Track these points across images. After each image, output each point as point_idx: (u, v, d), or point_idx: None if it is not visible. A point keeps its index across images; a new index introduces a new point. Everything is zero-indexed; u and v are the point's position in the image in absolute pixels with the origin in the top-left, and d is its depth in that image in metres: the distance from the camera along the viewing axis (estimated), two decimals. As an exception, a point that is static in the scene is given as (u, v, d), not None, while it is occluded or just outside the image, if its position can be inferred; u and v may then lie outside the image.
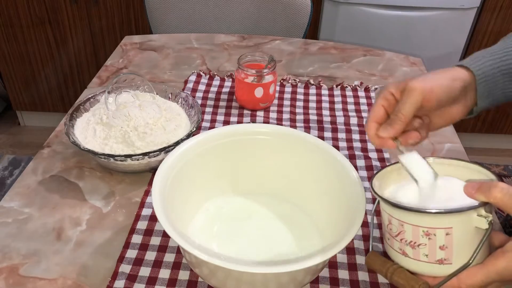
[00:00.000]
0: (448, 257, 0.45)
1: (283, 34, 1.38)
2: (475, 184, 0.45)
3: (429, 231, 0.45)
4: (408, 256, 0.47)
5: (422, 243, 0.46)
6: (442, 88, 0.52)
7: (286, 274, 0.50)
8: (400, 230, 0.47)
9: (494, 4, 1.71)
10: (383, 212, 0.50)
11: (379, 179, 0.52)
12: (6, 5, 1.82)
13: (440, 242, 0.45)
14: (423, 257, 0.46)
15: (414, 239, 0.46)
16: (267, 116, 0.91)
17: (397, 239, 0.48)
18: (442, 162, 0.53)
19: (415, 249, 0.46)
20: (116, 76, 0.81)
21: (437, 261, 0.46)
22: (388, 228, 0.49)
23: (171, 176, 0.59)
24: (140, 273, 0.60)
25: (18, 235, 0.66)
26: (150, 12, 1.40)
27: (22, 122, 2.27)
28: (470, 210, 0.44)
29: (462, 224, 0.44)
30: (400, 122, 0.51)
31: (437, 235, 0.45)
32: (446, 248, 0.45)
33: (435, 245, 0.45)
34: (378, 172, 0.53)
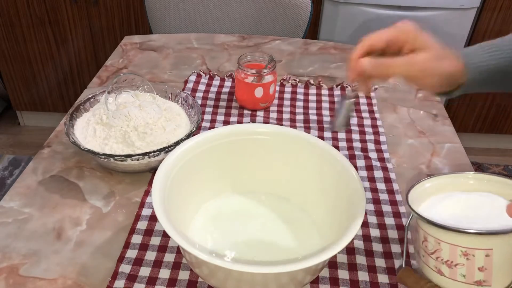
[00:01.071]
0: (487, 279, 0.44)
1: (283, 34, 1.38)
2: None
3: (468, 251, 0.43)
4: (444, 275, 0.46)
5: (459, 263, 0.44)
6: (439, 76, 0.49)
7: (286, 274, 0.50)
8: (437, 248, 0.45)
9: (494, 4, 1.71)
10: (419, 229, 0.48)
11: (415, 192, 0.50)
12: (6, 5, 1.82)
13: (479, 263, 0.43)
14: (460, 277, 0.44)
15: (451, 259, 0.44)
16: (267, 116, 0.91)
17: (433, 257, 0.46)
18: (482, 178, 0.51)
19: (452, 268, 0.45)
20: (116, 76, 0.81)
21: (475, 282, 0.44)
22: (424, 245, 0.47)
23: (171, 176, 0.59)
24: (140, 273, 0.60)
25: (18, 235, 0.66)
26: (150, 12, 1.40)
27: (22, 122, 2.27)
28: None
29: (503, 245, 0.43)
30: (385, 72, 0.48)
31: (476, 256, 0.43)
32: (485, 269, 0.43)
33: (473, 266, 0.43)
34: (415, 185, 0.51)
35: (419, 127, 0.90)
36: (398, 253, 0.63)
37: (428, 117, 0.93)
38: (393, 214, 0.70)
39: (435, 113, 0.94)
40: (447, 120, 0.93)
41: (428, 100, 0.99)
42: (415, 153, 0.83)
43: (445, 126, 0.91)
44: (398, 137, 0.87)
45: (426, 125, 0.91)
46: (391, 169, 0.78)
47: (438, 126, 0.91)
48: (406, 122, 0.91)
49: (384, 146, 0.84)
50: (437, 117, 0.93)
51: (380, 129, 0.88)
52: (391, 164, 0.80)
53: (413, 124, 0.91)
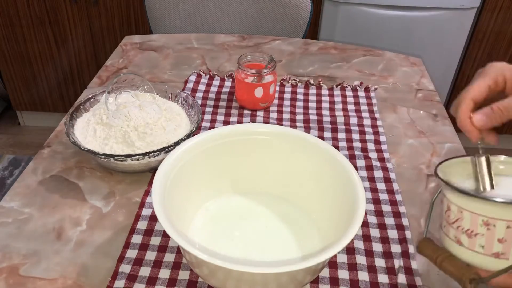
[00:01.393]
0: (505, 252, 0.42)
1: (283, 34, 1.38)
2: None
3: (489, 221, 0.42)
4: (463, 245, 0.45)
5: (479, 233, 0.43)
6: None
7: (286, 274, 0.50)
8: (458, 217, 0.45)
9: (494, 4, 1.71)
10: (444, 198, 0.47)
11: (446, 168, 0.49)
12: (6, 5, 1.82)
13: (499, 235, 0.42)
14: (479, 248, 0.44)
15: (471, 228, 0.44)
16: (267, 116, 0.91)
17: (454, 226, 0.45)
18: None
19: (471, 238, 0.44)
20: (116, 76, 0.81)
21: (493, 254, 0.43)
22: (446, 215, 0.47)
23: (171, 176, 0.59)
24: (140, 273, 0.60)
25: (18, 235, 0.66)
26: (150, 12, 1.40)
27: (22, 122, 2.28)
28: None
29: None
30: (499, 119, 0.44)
31: (497, 226, 0.42)
32: (505, 241, 0.42)
33: (493, 236, 0.42)
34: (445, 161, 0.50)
35: (419, 127, 0.90)
36: (398, 253, 0.63)
37: (428, 117, 0.93)
38: (393, 214, 0.70)
39: (435, 113, 0.94)
40: (447, 120, 0.93)
41: (428, 100, 0.99)
42: (415, 153, 0.83)
43: (445, 126, 0.91)
44: (398, 137, 0.87)
45: (426, 125, 0.91)
46: (391, 169, 0.78)
47: (438, 126, 0.91)
48: (406, 122, 0.92)
49: (384, 146, 0.84)
50: (437, 117, 0.93)
51: (380, 129, 0.88)
52: (391, 164, 0.80)
53: (413, 124, 0.91)
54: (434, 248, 0.48)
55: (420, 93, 1.01)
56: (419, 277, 0.61)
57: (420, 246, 0.50)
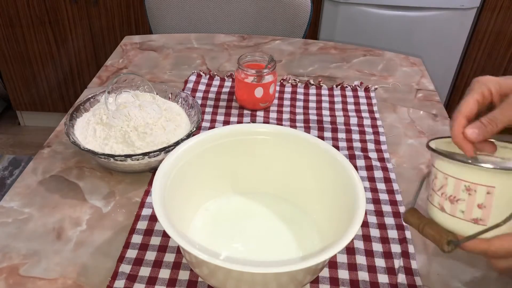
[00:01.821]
0: (484, 218, 0.44)
1: (283, 34, 1.38)
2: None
3: (471, 187, 0.44)
4: (445, 211, 0.46)
5: (461, 199, 0.45)
6: None
7: (286, 274, 0.50)
8: (443, 184, 0.46)
9: (494, 4, 1.71)
10: (432, 167, 0.49)
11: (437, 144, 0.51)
12: (6, 5, 1.82)
13: (479, 200, 0.44)
14: (459, 214, 0.45)
15: (454, 194, 0.45)
16: (267, 116, 0.91)
17: (438, 193, 0.47)
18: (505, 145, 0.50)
19: (453, 204, 0.45)
20: (116, 76, 0.81)
21: (472, 219, 0.45)
22: (433, 184, 0.48)
23: (171, 176, 0.59)
24: (140, 273, 0.60)
25: (18, 235, 0.66)
26: (150, 12, 1.40)
27: (22, 122, 2.28)
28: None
29: (506, 185, 0.43)
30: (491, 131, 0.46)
31: (477, 191, 0.43)
32: (484, 207, 0.44)
33: (474, 202, 0.44)
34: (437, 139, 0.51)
35: (419, 127, 0.90)
36: (398, 253, 0.64)
37: (428, 117, 0.93)
38: (393, 214, 0.70)
39: (435, 113, 0.94)
40: (447, 120, 0.93)
41: (428, 100, 0.99)
42: (415, 153, 0.83)
43: (445, 126, 0.91)
44: (398, 137, 0.87)
45: (426, 125, 0.91)
46: (391, 169, 0.78)
47: (438, 126, 0.91)
48: (406, 122, 0.92)
49: (384, 146, 0.84)
50: (437, 117, 0.93)
51: (380, 129, 0.88)
52: (391, 164, 0.80)
53: (413, 124, 0.91)
54: (419, 216, 0.50)
55: (420, 93, 1.01)
56: (419, 277, 0.61)
57: (406, 215, 0.51)
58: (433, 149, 0.48)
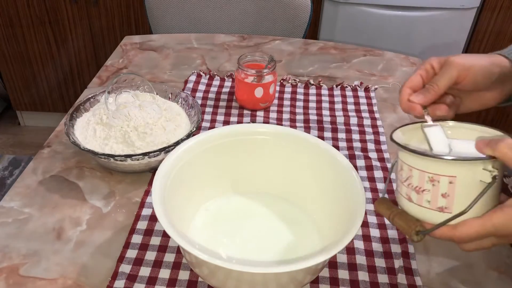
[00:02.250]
0: (448, 206, 0.46)
1: (283, 34, 1.38)
2: (486, 140, 0.45)
3: (434, 178, 0.46)
4: (413, 201, 0.49)
5: (426, 189, 0.47)
6: (480, 69, 0.53)
7: (286, 274, 0.50)
8: (409, 175, 0.48)
9: (494, 4, 1.71)
10: (398, 159, 0.51)
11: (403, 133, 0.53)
12: (6, 5, 1.82)
13: (443, 190, 0.46)
14: (426, 203, 0.47)
15: (419, 185, 0.47)
16: (267, 116, 0.91)
17: (405, 184, 0.49)
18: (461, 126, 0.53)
19: (419, 194, 0.47)
20: (116, 76, 0.81)
21: (438, 208, 0.47)
22: (400, 175, 0.50)
23: (171, 176, 0.59)
24: (140, 273, 0.60)
25: (18, 235, 0.66)
26: (150, 12, 1.40)
27: (22, 122, 2.28)
28: (476, 161, 0.44)
29: (466, 174, 0.45)
30: (433, 92, 0.52)
31: (440, 182, 0.46)
32: (448, 196, 0.46)
33: (438, 192, 0.46)
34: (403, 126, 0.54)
35: (419, 127, 0.90)
36: (398, 253, 0.63)
37: (428, 117, 0.93)
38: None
39: (435, 113, 0.94)
40: (447, 120, 0.92)
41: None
42: (415, 153, 0.83)
43: (445, 126, 0.91)
44: (398, 137, 0.87)
45: (426, 125, 0.91)
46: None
47: (438, 126, 0.91)
48: (406, 122, 0.91)
49: (384, 146, 0.84)
50: (437, 117, 0.93)
51: (380, 129, 0.88)
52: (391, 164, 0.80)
53: (413, 124, 0.91)
54: (389, 206, 0.52)
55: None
56: (419, 277, 0.61)
57: (376, 205, 0.53)
58: (397, 142, 0.50)
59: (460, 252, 0.65)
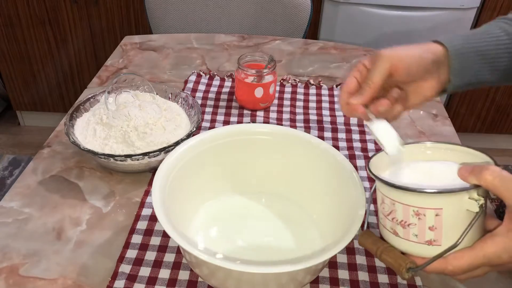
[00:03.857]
0: (437, 239, 0.45)
1: (283, 34, 1.38)
2: (469, 167, 0.44)
3: (419, 211, 0.44)
4: (399, 235, 0.47)
5: (412, 223, 0.45)
6: (412, 58, 0.53)
7: (286, 274, 0.50)
8: (392, 209, 0.47)
9: (494, 4, 1.71)
10: (378, 191, 0.49)
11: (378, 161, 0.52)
12: (6, 5, 1.82)
13: (429, 223, 0.44)
14: (413, 237, 0.46)
15: (404, 219, 0.46)
16: (267, 116, 0.91)
17: (389, 218, 0.48)
18: (439, 146, 0.52)
19: (406, 228, 0.46)
20: (116, 76, 0.81)
21: (426, 241, 0.45)
22: (382, 208, 0.49)
23: (171, 176, 0.59)
24: (140, 273, 0.60)
25: (18, 235, 0.66)
26: (150, 12, 1.40)
27: (22, 122, 2.27)
28: (461, 192, 0.43)
29: (453, 205, 0.44)
30: (369, 89, 0.52)
31: (426, 215, 0.44)
32: (435, 229, 0.45)
33: (424, 225, 0.45)
34: (375, 155, 0.53)
35: (419, 127, 0.90)
36: (398, 253, 0.63)
37: (428, 117, 0.93)
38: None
39: (435, 113, 0.94)
40: (447, 120, 0.93)
41: (428, 100, 0.99)
42: (415, 153, 0.83)
43: (445, 126, 0.91)
44: (398, 137, 0.87)
45: (426, 125, 0.91)
46: (391, 169, 0.78)
47: (438, 126, 0.91)
48: (406, 122, 0.91)
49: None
50: (437, 117, 0.93)
51: (380, 129, 0.88)
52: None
53: (413, 124, 0.91)
54: (374, 240, 0.50)
55: (420, 93, 1.01)
56: (419, 277, 0.61)
57: (360, 238, 0.51)
58: (376, 176, 0.48)
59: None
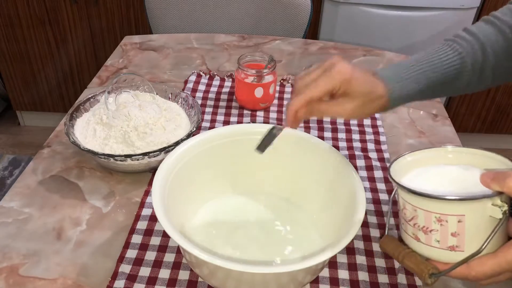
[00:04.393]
0: (459, 244, 0.45)
1: (283, 34, 1.38)
2: (491, 174, 0.44)
3: (441, 217, 0.45)
4: (421, 241, 0.48)
5: (434, 229, 0.46)
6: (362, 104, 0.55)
7: (286, 274, 0.50)
8: (414, 215, 0.47)
9: (494, 4, 1.71)
10: (399, 197, 0.50)
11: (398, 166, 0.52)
12: (6, 5, 1.82)
13: (452, 229, 0.45)
14: (435, 243, 0.46)
15: (426, 225, 0.46)
16: (267, 116, 0.91)
17: (411, 223, 0.48)
18: (461, 151, 0.52)
19: (427, 234, 0.46)
20: (116, 76, 0.81)
21: (448, 247, 0.46)
22: (403, 213, 0.49)
23: (171, 176, 0.59)
24: (140, 273, 0.60)
25: (18, 235, 0.66)
26: (150, 12, 1.40)
27: (22, 122, 2.27)
28: (484, 198, 0.43)
29: (475, 212, 0.44)
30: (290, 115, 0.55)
31: (449, 221, 0.45)
32: (458, 235, 0.45)
33: (447, 231, 0.45)
34: (397, 159, 0.53)
35: (419, 127, 0.90)
36: (398, 253, 0.63)
37: (428, 117, 0.93)
38: (393, 214, 0.70)
39: (435, 113, 0.94)
40: (447, 120, 0.93)
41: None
42: (415, 153, 0.83)
43: (445, 126, 0.91)
44: (398, 137, 0.87)
45: (426, 125, 0.91)
46: (391, 169, 0.78)
47: (438, 126, 0.91)
48: (406, 122, 0.91)
49: (384, 146, 0.84)
50: (437, 117, 0.93)
51: (380, 129, 0.88)
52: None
53: (413, 124, 0.91)
54: (396, 245, 0.50)
55: (420, 93, 1.01)
56: (419, 277, 0.60)
57: (382, 243, 0.52)
58: (398, 183, 0.48)
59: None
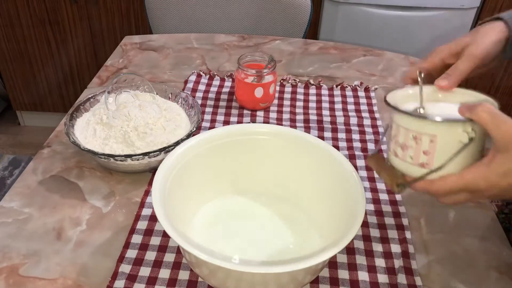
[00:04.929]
0: (429, 162, 0.50)
1: (283, 34, 1.38)
2: (468, 105, 0.48)
3: (417, 136, 0.49)
4: (398, 156, 0.53)
5: (410, 146, 0.51)
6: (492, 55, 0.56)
7: (286, 274, 0.50)
8: (396, 133, 0.52)
9: (494, 4, 1.71)
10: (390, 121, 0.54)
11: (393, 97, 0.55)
12: (6, 5, 1.82)
13: (424, 147, 0.49)
14: (409, 159, 0.51)
15: (405, 141, 0.51)
16: (267, 116, 0.91)
17: (393, 141, 0.53)
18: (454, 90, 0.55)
19: (404, 150, 0.52)
20: (116, 76, 0.81)
21: (419, 164, 0.51)
22: (389, 131, 0.54)
23: (171, 176, 0.59)
24: (140, 273, 0.60)
25: (18, 235, 0.66)
26: (150, 12, 1.40)
27: (22, 122, 2.28)
28: (456, 122, 0.48)
29: (446, 134, 0.48)
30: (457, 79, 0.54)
31: (422, 140, 0.49)
32: (429, 153, 0.50)
33: (420, 149, 0.50)
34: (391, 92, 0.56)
35: (419, 127, 0.90)
36: (398, 253, 0.63)
37: (428, 117, 0.93)
38: (393, 214, 0.70)
39: (435, 113, 0.94)
40: (447, 120, 0.92)
41: (428, 100, 0.99)
42: (415, 153, 0.83)
43: (445, 126, 0.91)
44: (398, 137, 0.87)
45: (426, 125, 0.91)
46: (391, 169, 0.78)
47: (438, 126, 0.91)
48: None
49: (384, 146, 0.84)
50: (437, 117, 0.93)
51: (380, 129, 0.88)
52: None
53: (413, 124, 0.91)
54: (378, 160, 0.57)
55: (420, 93, 1.01)
56: (419, 277, 0.61)
57: (369, 159, 0.58)
58: (387, 102, 0.53)
59: (460, 252, 0.65)
